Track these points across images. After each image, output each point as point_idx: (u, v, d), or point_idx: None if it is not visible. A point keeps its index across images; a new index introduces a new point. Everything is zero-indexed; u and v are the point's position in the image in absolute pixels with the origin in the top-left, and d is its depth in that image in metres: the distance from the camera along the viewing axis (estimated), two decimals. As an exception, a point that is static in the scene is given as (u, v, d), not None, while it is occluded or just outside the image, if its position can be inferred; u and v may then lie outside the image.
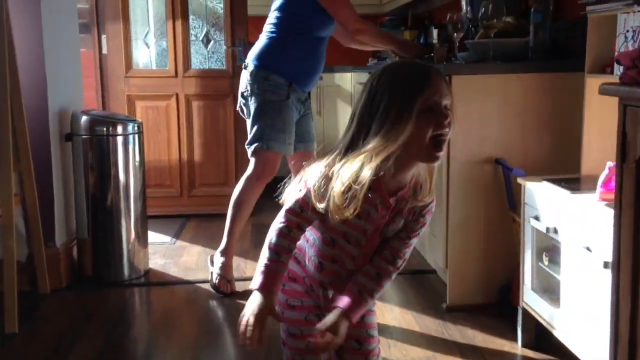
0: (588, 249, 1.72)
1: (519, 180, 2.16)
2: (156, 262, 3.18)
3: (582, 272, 1.79)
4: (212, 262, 2.81)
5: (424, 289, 2.75)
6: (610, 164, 1.80)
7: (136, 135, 2.96)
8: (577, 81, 2.33)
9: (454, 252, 2.48)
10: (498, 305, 2.49)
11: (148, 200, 3.11)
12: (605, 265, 1.60)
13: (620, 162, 1.35)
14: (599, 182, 1.81)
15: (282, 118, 2.69)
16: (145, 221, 3.06)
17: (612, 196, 1.76)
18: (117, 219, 2.93)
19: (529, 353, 2.15)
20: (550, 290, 2.06)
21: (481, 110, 2.41)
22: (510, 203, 2.38)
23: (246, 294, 2.63)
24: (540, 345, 2.16)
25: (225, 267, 2.76)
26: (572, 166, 2.34)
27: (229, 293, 2.72)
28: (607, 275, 1.61)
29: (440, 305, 2.52)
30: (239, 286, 2.77)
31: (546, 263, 2.05)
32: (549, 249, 2.03)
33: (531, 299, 2.12)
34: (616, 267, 1.41)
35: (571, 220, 1.84)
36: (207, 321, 2.52)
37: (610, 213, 1.64)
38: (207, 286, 2.81)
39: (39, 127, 2.80)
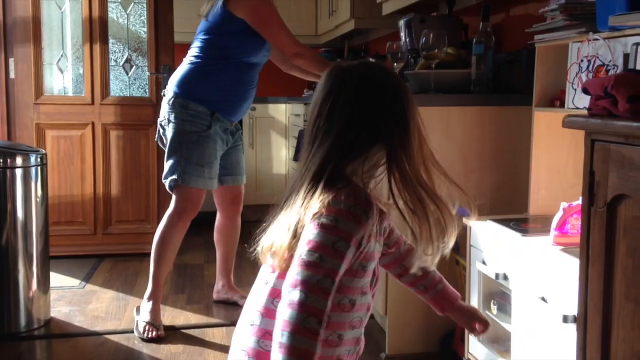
0: (543, 299, 1.55)
1: (464, 220, 1.98)
2: (59, 310, 2.81)
3: (537, 324, 1.61)
4: (137, 311, 2.56)
5: (360, 338, 2.52)
6: (564, 204, 1.65)
7: (39, 168, 2.62)
8: (521, 114, 2.22)
9: (394, 297, 2.27)
10: (440, 354, 2.29)
11: (57, 239, 2.82)
12: (565, 319, 1.42)
13: (588, 205, 1.18)
14: (553, 225, 1.65)
15: (200, 150, 2.48)
16: (47, 263, 2.69)
17: (567, 240, 1.62)
18: (12, 261, 2.55)
19: (476, 413, 1.94)
20: (499, 341, 1.88)
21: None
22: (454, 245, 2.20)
23: (171, 339, 2.39)
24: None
25: (154, 313, 2.52)
26: (518, 205, 2.20)
27: (155, 338, 2.45)
28: (567, 329, 1.44)
29: (378, 355, 2.31)
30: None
31: (494, 312, 1.86)
32: (497, 295, 1.86)
33: (478, 351, 1.93)
34: (582, 324, 1.22)
35: (523, 267, 1.66)
36: None
37: (567, 259, 1.49)
38: (116, 337, 2.49)
39: None
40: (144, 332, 2.47)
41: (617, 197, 1.11)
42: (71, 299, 2.96)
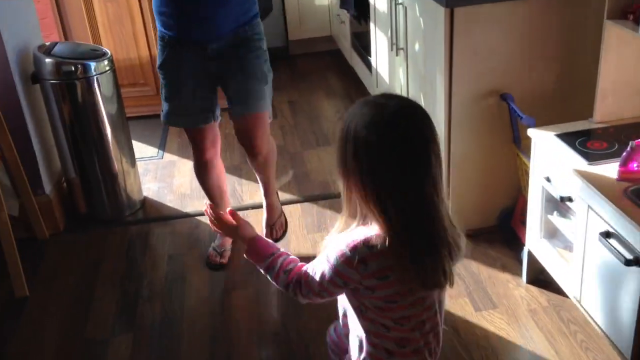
0: (607, 234, 1.72)
1: (529, 132, 2.08)
2: (149, 187, 3.12)
3: (599, 257, 1.79)
4: None
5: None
6: (633, 143, 1.74)
7: (108, 72, 2.72)
8: (587, 9, 2.19)
9: (455, 185, 2.46)
10: (498, 229, 2.54)
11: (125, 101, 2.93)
12: (627, 262, 1.62)
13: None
14: (620, 160, 1.76)
15: (166, 84, 2.23)
16: (130, 144, 2.92)
17: (632, 177, 1.74)
18: (101, 152, 2.79)
19: (534, 291, 2.25)
20: (558, 237, 2.10)
21: (485, 41, 2.23)
22: (515, 138, 2.32)
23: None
24: (543, 283, 2.25)
25: (221, 239, 2.55)
26: (580, 100, 2.26)
27: (218, 265, 2.52)
28: (629, 272, 1.63)
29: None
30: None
31: (556, 218, 2.06)
32: (560, 207, 2.02)
33: (538, 247, 2.16)
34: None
35: (588, 196, 1.80)
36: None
37: (634, 208, 1.63)
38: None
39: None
40: (209, 258, 2.53)
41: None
42: (156, 174, 3.24)
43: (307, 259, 2.45)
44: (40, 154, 2.75)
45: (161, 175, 3.23)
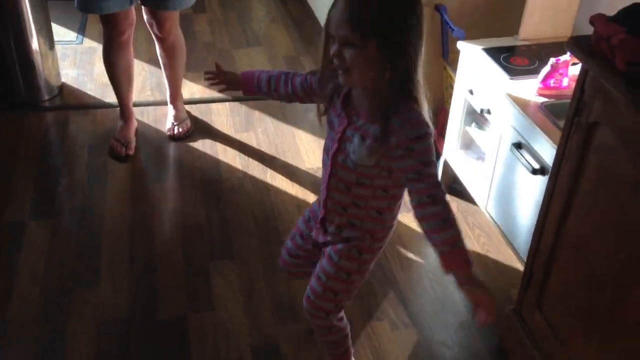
0: (518, 145, 1.84)
1: (458, 44, 2.14)
2: (67, 73, 2.99)
3: (509, 166, 1.92)
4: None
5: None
6: (553, 60, 1.84)
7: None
8: None
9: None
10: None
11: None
12: (534, 171, 1.75)
13: (572, 116, 1.41)
14: (539, 77, 1.86)
15: None
16: (49, 24, 2.78)
17: (549, 93, 1.85)
18: (18, 28, 2.63)
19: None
20: (472, 149, 2.22)
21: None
22: (444, 51, 2.38)
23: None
24: (456, 191, 2.40)
25: (122, 131, 2.55)
26: (510, 16, 2.32)
27: (124, 156, 2.51)
28: (535, 180, 1.78)
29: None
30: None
31: (474, 129, 2.17)
32: (478, 115, 2.13)
33: (454, 157, 2.29)
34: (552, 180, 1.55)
35: (506, 110, 1.91)
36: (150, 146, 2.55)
37: (546, 122, 1.75)
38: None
39: None
40: (112, 149, 2.49)
41: (595, 123, 1.35)
42: (75, 59, 3.10)
43: (233, 158, 2.46)
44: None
45: (80, 62, 3.10)
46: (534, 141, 1.77)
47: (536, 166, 1.75)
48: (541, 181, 1.75)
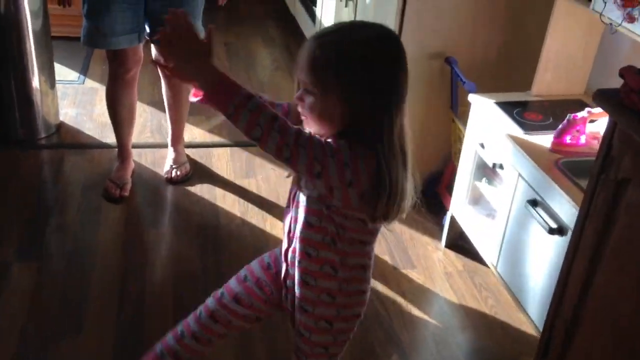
0: (534, 202, 1.76)
1: (470, 97, 2.09)
2: (67, 112, 2.93)
3: (523, 224, 1.84)
4: None
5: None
6: (570, 116, 1.78)
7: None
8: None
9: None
10: (423, 194, 2.56)
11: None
12: (551, 231, 1.67)
13: (598, 173, 1.33)
14: (555, 132, 1.80)
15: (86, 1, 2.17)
16: (51, 64, 2.73)
17: (564, 149, 1.79)
18: (20, 67, 2.58)
19: (451, 256, 2.30)
20: (481, 204, 2.14)
21: (437, 2, 2.22)
22: (453, 104, 2.33)
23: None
24: (461, 248, 2.30)
25: (118, 172, 2.46)
26: (520, 72, 2.29)
27: (118, 198, 2.40)
28: (550, 239, 1.69)
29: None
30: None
31: (484, 185, 2.10)
32: (488, 170, 2.06)
33: (462, 212, 2.20)
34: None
35: (520, 164, 1.83)
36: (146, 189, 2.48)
37: (564, 179, 1.68)
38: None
39: None
40: (107, 190, 2.40)
41: (625, 180, 1.27)
42: (75, 99, 3.05)
43: (232, 204, 2.36)
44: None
45: (81, 102, 3.04)
46: (551, 199, 1.69)
47: (553, 225, 1.66)
48: (558, 241, 1.66)
